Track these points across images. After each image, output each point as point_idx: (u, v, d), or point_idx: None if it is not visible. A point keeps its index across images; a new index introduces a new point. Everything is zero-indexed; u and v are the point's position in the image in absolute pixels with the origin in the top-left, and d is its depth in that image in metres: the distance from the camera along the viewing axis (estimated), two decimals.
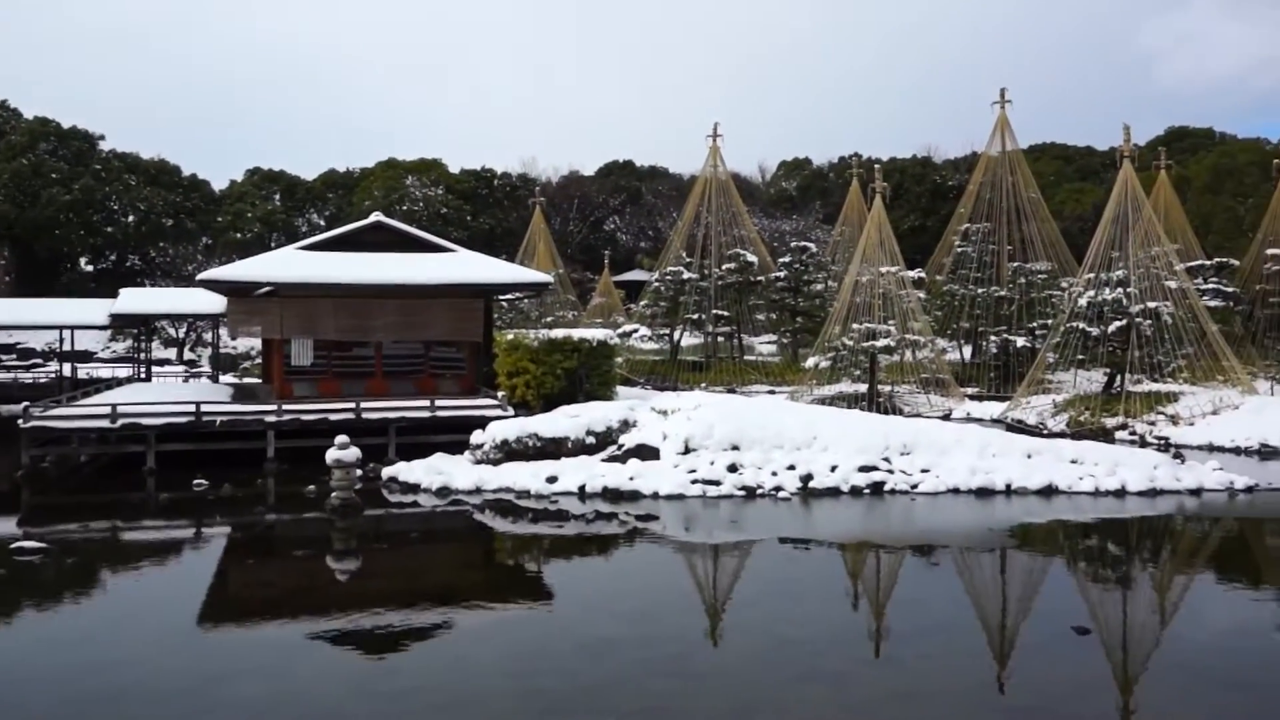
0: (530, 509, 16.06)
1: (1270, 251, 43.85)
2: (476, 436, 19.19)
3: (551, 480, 17.22)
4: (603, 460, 18.35)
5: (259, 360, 35.88)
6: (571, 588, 12.02)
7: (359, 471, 16.34)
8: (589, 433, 19.18)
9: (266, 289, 22.73)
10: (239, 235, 63.42)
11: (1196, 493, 17.06)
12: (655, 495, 16.66)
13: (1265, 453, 22.36)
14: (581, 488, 16.98)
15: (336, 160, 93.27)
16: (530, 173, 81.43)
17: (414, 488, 17.49)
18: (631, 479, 17.16)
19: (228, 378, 35.83)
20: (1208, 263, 41.01)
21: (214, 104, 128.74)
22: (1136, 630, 10.19)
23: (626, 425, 19.51)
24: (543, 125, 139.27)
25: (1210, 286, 37.77)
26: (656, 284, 42.61)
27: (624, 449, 18.64)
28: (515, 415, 20.79)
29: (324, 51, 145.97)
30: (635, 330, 43.08)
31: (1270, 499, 17.07)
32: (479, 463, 18.63)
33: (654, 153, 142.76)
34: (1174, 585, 12.23)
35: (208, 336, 36.52)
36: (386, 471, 18.31)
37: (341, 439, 15.72)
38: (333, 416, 20.39)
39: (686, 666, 8.83)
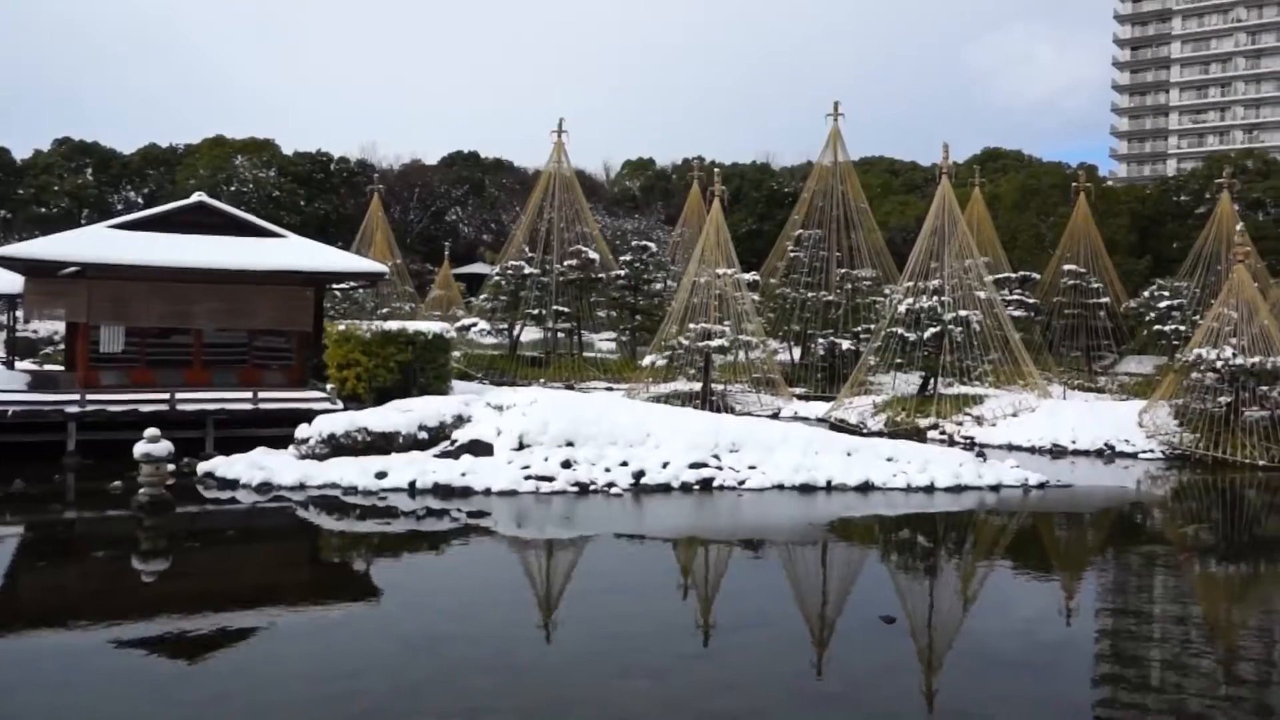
0: (358, 505, 15.68)
1: (1067, 267, 47.38)
2: (302, 430, 18.57)
3: (381, 476, 16.85)
4: (435, 456, 18.11)
5: (63, 346, 33.57)
6: (398, 586, 11.81)
7: (171, 466, 15.55)
8: (421, 428, 18.87)
9: (72, 269, 21.28)
10: (43, 210, 59.12)
11: (996, 489, 18.27)
12: (488, 491, 16.56)
13: (1056, 452, 24.16)
14: (412, 484, 16.69)
15: (159, 134, 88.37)
16: (370, 159, 79.27)
17: (233, 484, 16.76)
18: (464, 475, 16.99)
19: (25, 364, 33.33)
20: (1013, 275, 43.99)
21: (14, 64, 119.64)
22: (939, 617, 10.85)
23: (461, 420, 19.31)
24: (385, 111, 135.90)
25: (1014, 298, 40.48)
26: (498, 278, 42.28)
27: (457, 444, 18.44)
28: (345, 409, 20.23)
29: (148, 15, 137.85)
30: (474, 324, 42.64)
31: (1059, 494, 18.46)
32: (304, 458, 18.04)
33: (499, 145, 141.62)
34: (974, 575, 13.06)
35: (2, 319, 33.85)
36: (203, 466, 17.49)
37: (151, 431, 14.92)
38: (144, 408, 19.28)
39: (511, 663, 8.84)
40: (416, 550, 13.73)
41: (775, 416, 28.78)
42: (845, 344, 36.19)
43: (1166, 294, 44.53)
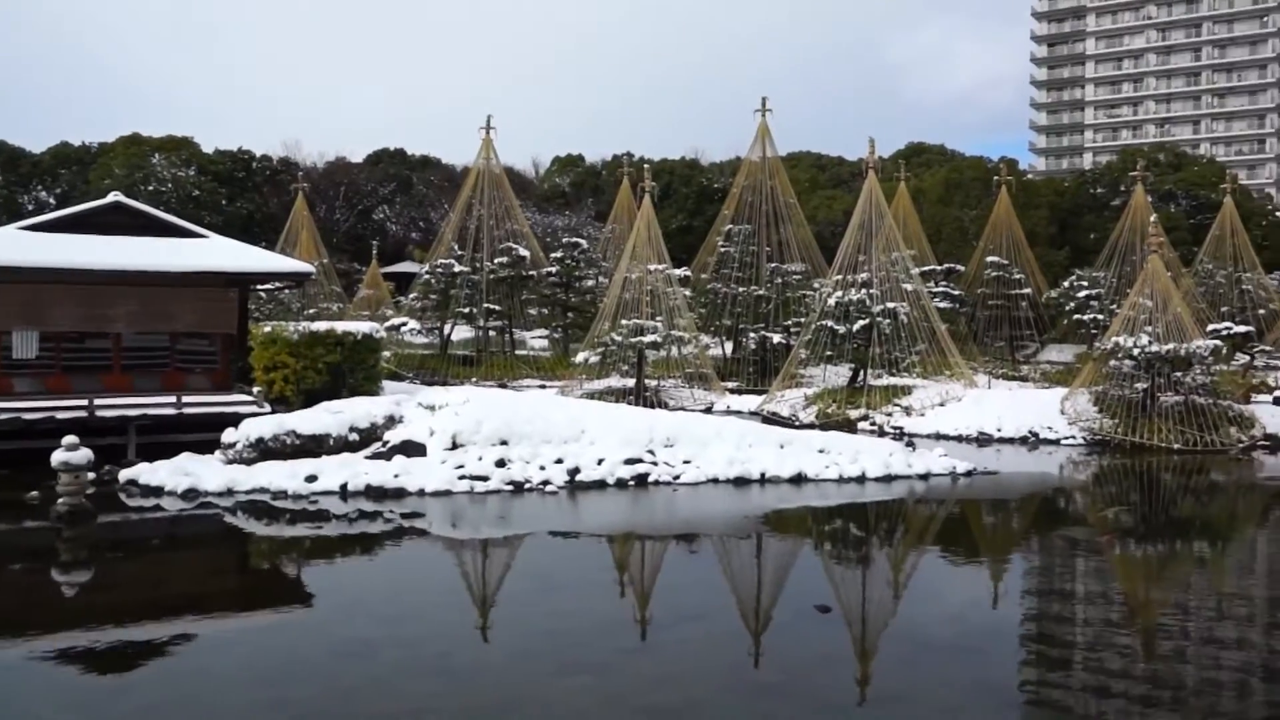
0: (288, 510, 15.38)
1: (990, 259, 48.52)
2: (228, 435, 18.17)
3: (311, 479, 16.56)
4: (366, 458, 17.86)
5: None
6: (331, 590, 11.64)
7: (91, 475, 15.10)
8: (352, 429, 18.59)
9: None
10: None
11: (925, 477, 18.63)
12: (421, 492, 16.38)
13: (982, 440, 24.72)
14: (343, 486, 16.43)
15: (71, 133, 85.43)
16: (293, 156, 77.77)
17: (157, 491, 16.31)
18: (397, 476, 16.78)
19: None
20: (938, 268, 44.92)
21: None
22: (872, 605, 11.03)
23: (392, 421, 19.07)
24: (308, 108, 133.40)
25: (940, 289, 41.32)
26: (427, 276, 41.82)
27: (389, 445, 18.20)
28: (272, 412, 19.84)
29: (55, 7, 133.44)
30: (405, 324, 42.14)
31: (985, 481, 18.90)
32: (231, 462, 17.65)
33: (426, 142, 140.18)
34: (905, 562, 13.30)
35: None
36: (125, 474, 16.99)
37: (69, 439, 14.45)
38: (61, 415, 18.66)
39: (450, 665, 8.77)
40: (349, 554, 13.53)
41: (708, 411, 28.95)
42: (776, 338, 36.58)
43: (1085, 284, 45.86)
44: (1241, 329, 37.66)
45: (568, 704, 7.82)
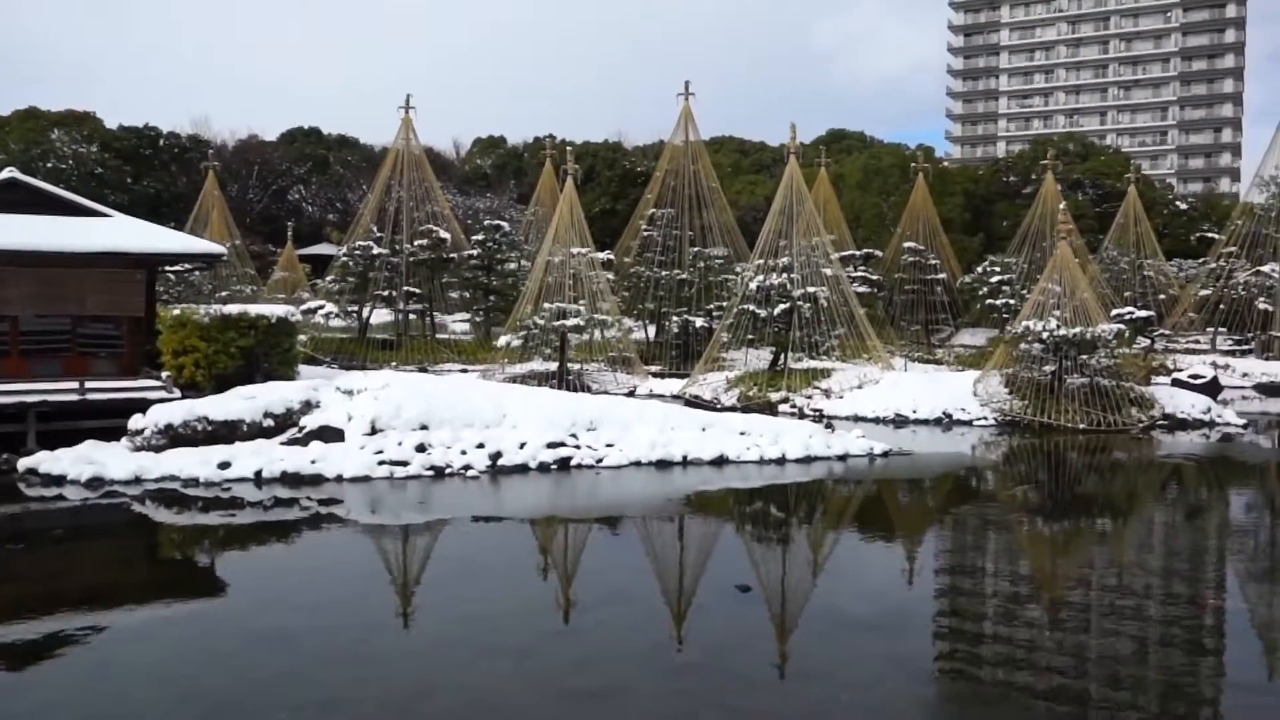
0: (199, 498, 14.99)
1: (907, 245, 49.50)
2: (136, 421, 17.62)
3: (224, 466, 16.16)
4: (282, 444, 17.48)
5: None
6: (245, 580, 11.38)
7: None
8: (267, 415, 18.18)
9: None
10: None
11: (843, 458, 18.96)
12: (339, 478, 16.11)
13: (899, 421, 25.26)
14: (258, 473, 16.07)
15: None
16: (203, 134, 75.42)
17: (59, 480, 15.74)
18: (314, 462, 16.47)
19: None
20: (857, 253, 45.66)
21: None
22: (792, 584, 11.20)
23: (309, 406, 18.69)
24: (218, 84, 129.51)
25: (859, 274, 42.01)
26: (345, 259, 41.03)
27: (306, 431, 17.85)
28: (183, 397, 19.28)
29: None
30: (321, 307, 41.34)
31: (901, 462, 19.31)
32: (139, 450, 17.13)
33: (343, 121, 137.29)
34: (824, 542, 13.53)
35: None
36: (24, 463, 16.36)
37: None
38: None
39: (368, 652, 8.65)
40: (265, 542, 13.25)
41: (631, 394, 29.02)
42: (699, 321, 36.80)
43: (997, 270, 47.08)
44: (1143, 314, 39.09)
45: (488, 688, 7.78)
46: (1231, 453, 22.27)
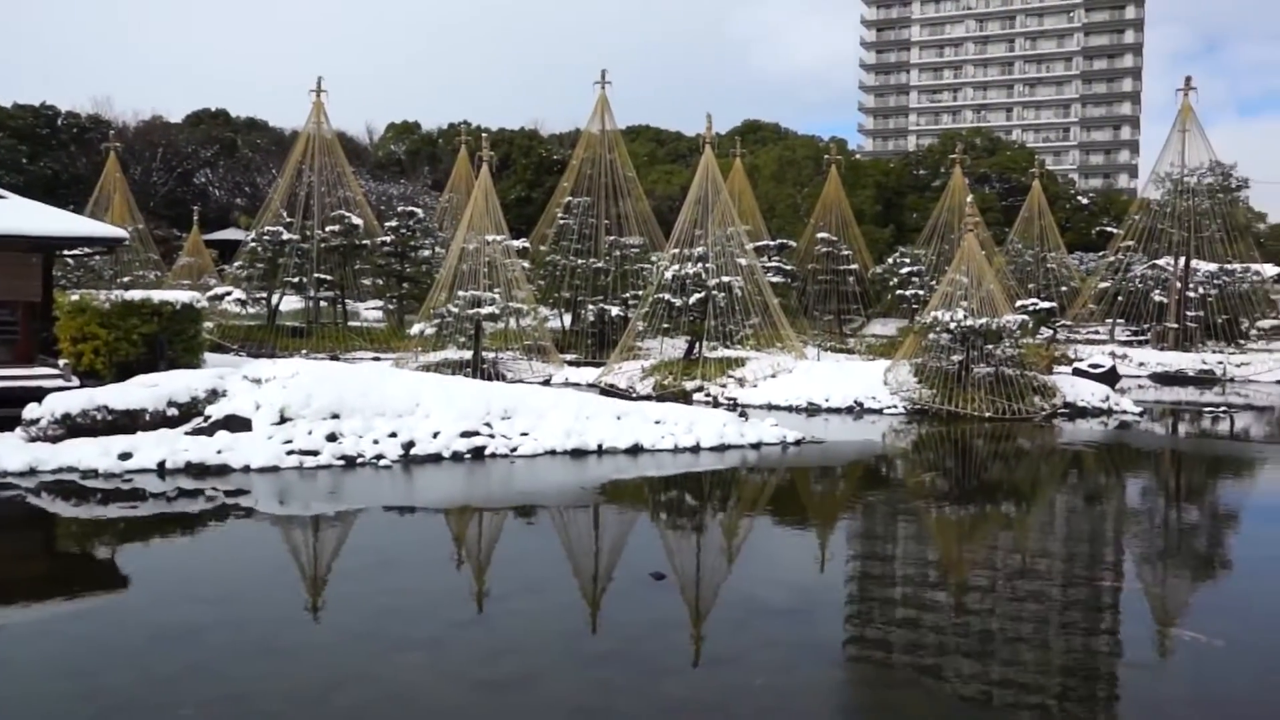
0: (99, 490, 14.50)
1: (820, 235, 50.28)
2: (32, 410, 16.95)
3: (125, 457, 15.64)
4: (186, 433, 17.01)
5: None
6: (148, 573, 11.05)
7: None
8: (171, 404, 17.66)
9: None
10: None
11: (757, 446, 19.22)
12: (247, 469, 15.75)
13: (811, 410, 25.70)
14: (161, 464, 15.60)
15: None
16: (104, 114, 72.70)
17: None
18: (220, 452, 16.07)
19: None
20: (771, 243, 46.25)
21: None
22: (706, 571, 11.32)
23: (215, 395, 18.22)
24: (119, 63, 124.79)
25: (773, 264, 42.59)
26: (253, 244, 40.01)
27: (211, 420, 17.39)
28: (81, 386, 18.62)
29: None
30: (229, 293, 40.25)
31: (814, 450, 19.66)
32: (34, 440, 16.49)
33: (252, 104, 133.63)
34: (737, 529, 13.70)
35: None
36: None
37: None
38: None
39: (277, 646, 8.49)
40: (169, 534, 12.88)
41: (547, 383, 28.95)
42: (614, 310, 36.85)
43: (907, 261, 48.18)
44: (1046, 305, 40.41)
45: (399, 680, 7.70)
46: (1128, 439, 23.18)
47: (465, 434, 17.73)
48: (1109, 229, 59.79)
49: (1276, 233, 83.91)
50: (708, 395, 27.34)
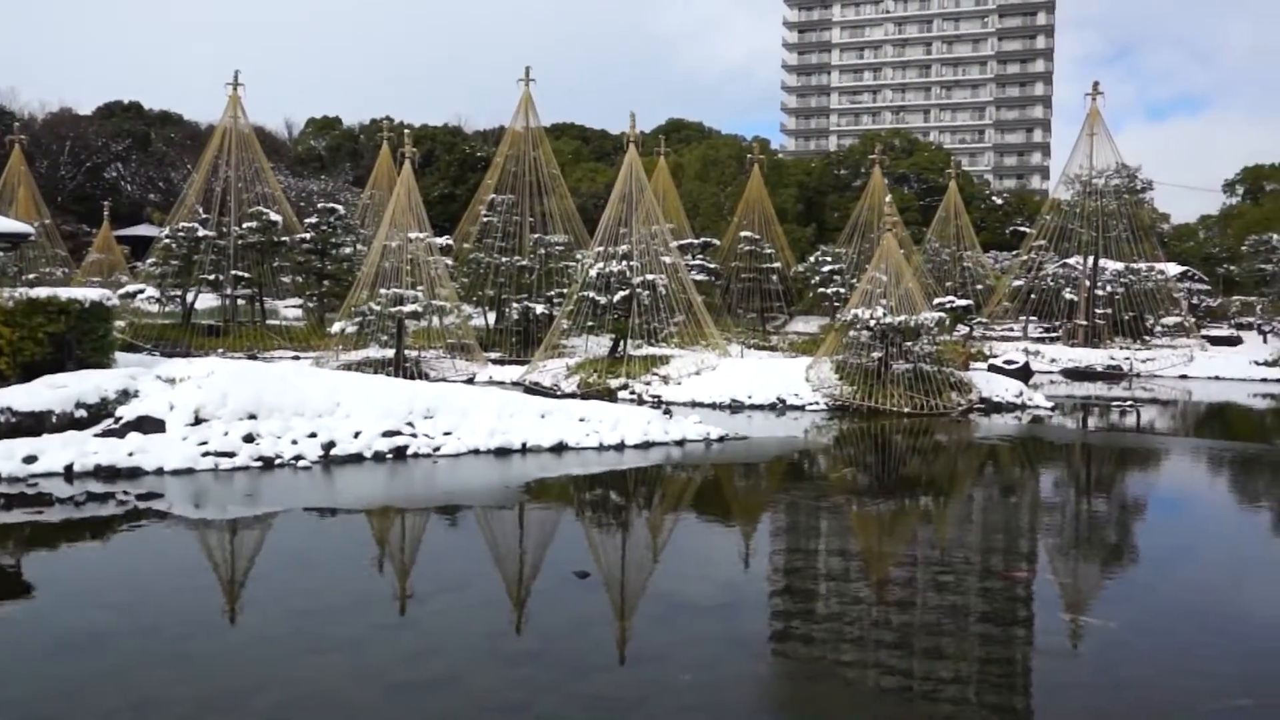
0: (2, 494, 13.95)
1: (743, 234, 50.75)
2: None
3: (30, 460, 15.08)
4: (96, 435, 16.47)
5: None
6: (54, 580, 10.67)
7: None
8: (80, 405, 17.08)
9: None
10: None
11: (681, 443, 19.33)
12: (160, 471, 15.32)
13: (735, 407, 25.95)
14: (69, 467, 15.08)
15: None
16: (7, 105, 70.01)
17: None
18: (131, 454, 15.59)
19: None
20: (695, 242, 46.54)
21: None
22: (630, 569, 11.34)
23: (126, 395, 17.68)
24: (24, 53, 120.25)
25: (697, 263, 42.89)
26: (168, 240, 38.97)
27: (123, 422, 16.87)
28: None
29: None
30: (141, 291, 39.12)
31: (737, 446, 19.86)
32: None
33: (165, 97, 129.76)
34: (662, 526, 13.76)
35: None
36: None
37: None
38: None
39: (190, 651, 8.27)
40: (77, 539, 12.45)
41: (471, 382, 28.74)
42: (539, 308, 36.74)
43: (829, 259, 48.93)
44: (962, 303, 41.39)
45: (317, 683, 7.57)
46: (1041, 433, 23.86)
47: (387, 434, 17.49)
48: (1022, 229, 61.48)
49: (1180, 233, 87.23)
50: (632, 393, 27.41)
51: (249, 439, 16.54)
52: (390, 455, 17.09)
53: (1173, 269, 56.23)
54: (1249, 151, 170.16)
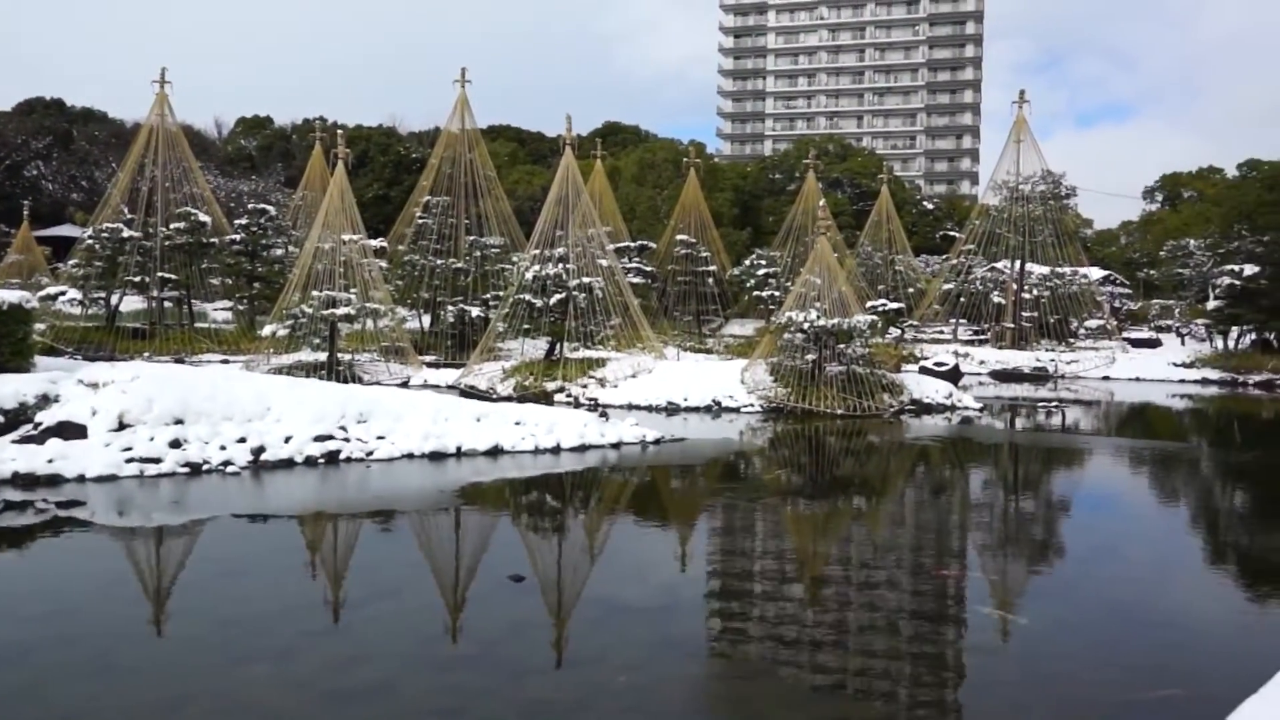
0: None
1: (679, 237, 50.99)
2: None
3: None
4: (14, 442, 15.95)
5: None
6: None
7: None
8: None
9: None
10: None
11: (617, 446, 19.36)
12: (82, 478, 14.90)
13: (671, 409, 26.07)
14: None
15: None
16: None
17: None
18: (51, 461, 15.13)
19: None
20: (632, 245, 46.64)
21: None
22: (566, 572, 11.32)
23: (46, 400, 17.16)
24: None
25: (633, 265, 43.01)
26: (91, 241, 37.92)
27: (42, 428, 16.36)
28: None
29: None
30: (63, 293, 38.01)
31: (674, 448, 19.95)
32: None
33: (89, 94, 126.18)
34: (598, 528, 13.76)
35: None
36: None
37: None
38: None
39: (115, 663, 8.05)
40: None
41: (405, 385, 28.45)
42: (475, 311, 36.49)
43: (764, 263, 49.39)
44: (894, 306, 42.05)
45: (245, 694, 7.43)
46: (970, 434, 24.35)
47: (319, 438, 17.24)
48: (952, 233, 62.77)
49: (1102, 238, 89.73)
50: (569, 396, 27.36)
51: (175, 444, 16.17)
52: (322, 460, 16.84)
53: (1096, 273, 57.80)
54: (1172, 158, 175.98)
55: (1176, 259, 66.83)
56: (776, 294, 45.23)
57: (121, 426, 16.51)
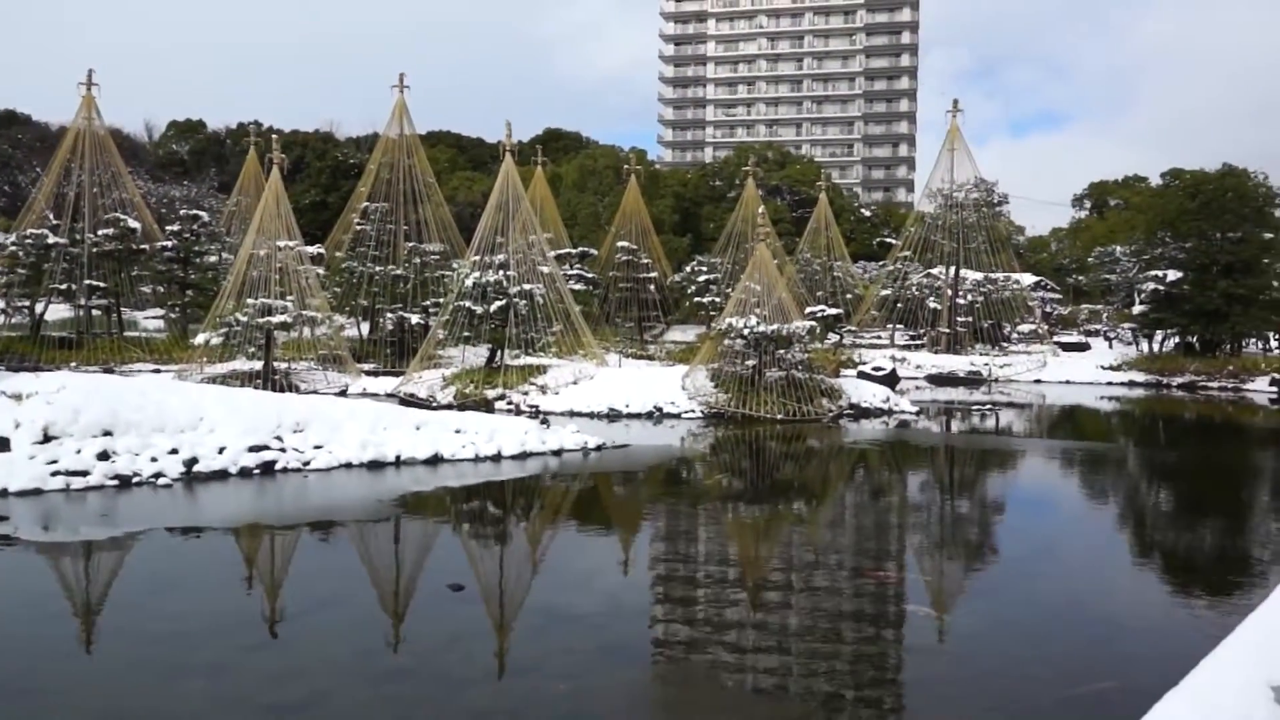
0: None
1: (620, 244, 51.07)
2: None
3: None
4: None
5: None
6: None
7: None
8: None
9: None
10: None
11: (559, 453, 19.30)
12: (4, 493, 14.42)
13: (613, 416, 26.08)
14: None
15: None
16: None
17: None
18: None
19: None
20: (573, 251, 46.60)
21: None
22: (507, 580, 11.26)
23: None
24: None
25: (574, 272, 42.97)
26: (14, 248, 36.84)
27: None
28: None
29: None
30: None
31: (615, 455, 19.94)
32: None
33: (11, 96, 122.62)
34: (539, 536, 13.71)
35: None
36: None
37: None
38: None
39: (39, 684, 7.81)
40: None
41: (343, 394, 28.07)
42: (414, 318, 36.16)
43: (704, 269, 49.66)
44: (833, 311, 42.53)
45: (179, 711, 7.26)
46: (907, 437, 24.72)
47: (254, 448, 16.92)
48: (889, 240, 63.71)
49: (1034, 245, 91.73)
50: (510, 403, 27.23)
51: (104, 456, 15.75)
52: (258, 471, 16.54)
53: (1027, 279, 59.06)
54: (1101, 167, 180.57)
55: (1104, 265, 68.63)
56: (717, 300, 45.51)
57: (47, 439, 16.04)
